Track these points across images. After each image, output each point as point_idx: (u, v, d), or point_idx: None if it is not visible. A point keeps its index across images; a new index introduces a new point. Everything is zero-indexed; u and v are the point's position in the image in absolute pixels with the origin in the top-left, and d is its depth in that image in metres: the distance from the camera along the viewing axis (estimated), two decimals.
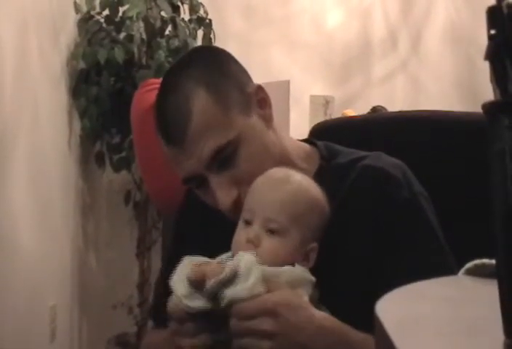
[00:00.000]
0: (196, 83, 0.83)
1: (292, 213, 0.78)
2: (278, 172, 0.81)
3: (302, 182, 0.81)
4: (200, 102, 0.82)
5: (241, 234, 0.78)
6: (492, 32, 0.43)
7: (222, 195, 0.82)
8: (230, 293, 0.71)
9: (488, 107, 0.43)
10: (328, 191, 0.83)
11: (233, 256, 0.77)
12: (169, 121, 0.84)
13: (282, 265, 0.76)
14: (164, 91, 0.87)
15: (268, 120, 0.87)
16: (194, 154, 0.82)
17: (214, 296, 0.72)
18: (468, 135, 0.98)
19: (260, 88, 0.87)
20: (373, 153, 0.89)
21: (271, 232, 0.77)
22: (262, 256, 0.75)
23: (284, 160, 0.86)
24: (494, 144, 0.42)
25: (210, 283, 0.71)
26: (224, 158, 0.82)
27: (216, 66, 0.86)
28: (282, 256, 0.76)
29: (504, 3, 0.44)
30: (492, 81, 0.44)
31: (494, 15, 0.44)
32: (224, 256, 0.78)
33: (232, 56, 0.88)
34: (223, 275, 0.70)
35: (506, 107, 0.42)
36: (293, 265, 0.77)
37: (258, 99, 0.86)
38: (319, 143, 0.93)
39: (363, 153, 0.89)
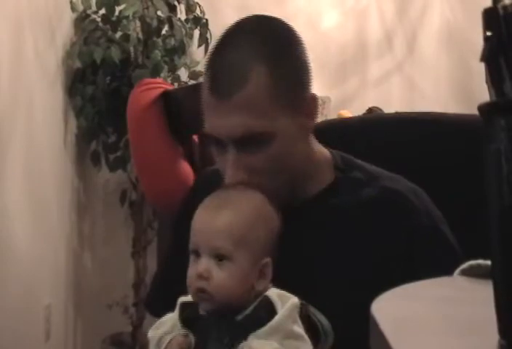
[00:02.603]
0: (263, 58, 0.81)
1: (235, 236, 0.77)
2: (214, 199, 0.81)
3: (239, 202, 0.80)
4: (259, 79, 0.80)
5: (192, 269, 0.78)
6: (488, 34, 0.44)
7: (233, 173, 0.81)
8: None
9: (484, 108, 0.43)
10: (341, 204, 0.83)
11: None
12: (224, 73, 0.81)
13: (238, 291, 0.76)
14: (228, 39, 0.84)
15: (306, 131, 0.86)
16: (228, 122, 0.80)
17: None
18: (463, 136, 0.98)
19: (314, 99, 0.86)
20: (391, 175, 0.88)
21: (220, 259, 0.77)
22: (215, 288, 0.75)
23: (303, 172, 0.85)
24: (490, 144, 0.43)
25: None
26: (250, 143, 0.81)
27: (288, 54, 0.84)
28: (236, 282, 0.76)
29: (500, 5, 0.44)
30: (487, 82, 0.44)
31: (490, 17, 0.44)
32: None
33: (306, 50, 0.86)
34: None
35: (502, 108, 0.42)
36: (253, 286, 0.77)
37: (308, 109, 0.85)
38: (334, 153, 0.92)
39: (379, 170, 0.89)
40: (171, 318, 0.79)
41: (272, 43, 0.84)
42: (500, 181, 0.42)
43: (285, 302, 0.76)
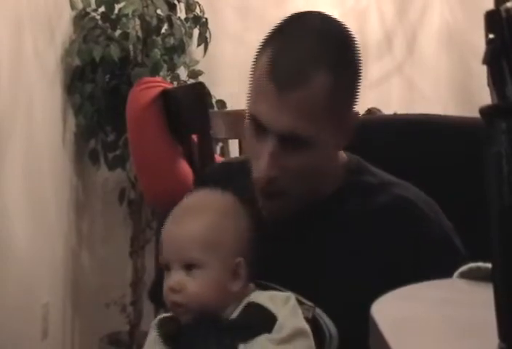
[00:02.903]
0: (331, 64, 0.80)
1: (201, 244, 0.77)
2: (177, 210, 0.80)
3: (201, 209, 0.79)
4: (323, 84, 0.79)
5: (165, 283, 0.78)
6: (490, 36, 0.44)
7: (267, 166, 0.80)
8: None
9: (485, 110, 0.43)
10: (351, 207, 0.83)
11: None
12: (289, 64, 0.79)
13: (212, 297, 0.76)
14: (298, 30, 0.83)
15: (338, 149, 0.85)
16: (279, 115, 0.79)
17: None
18: (463, 137, 0.98)
19: (356, 116, 0.85)
20: (403, 183, 0.88)
21: (190, 268, 0.77)
22: (189, 299, 0.76)
23: (321, 182, 0.85)
24: (491, 147, 0.43)
25: None
26: (292, 142, 0.80)
27: (352, 66, 0.84)
28: (208, 289, 0.76)
29: (503, 8, 0.44)
30: (489, 85, 0.44)
31: (492, 20, 0.44)
32: None
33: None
34: None
35: (503, 111, 0.42)
36: (227, 289, 0.76)
37: (350, 126, 0.84)
38: (351, 156, 0.91)
39: (392, 178, 0.89)
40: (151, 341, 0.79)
41: (343, 52, 0.83)
42: (501, 182, 0.42)
43: (277, 303, 0.75)
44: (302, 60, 0.80)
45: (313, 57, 0.81)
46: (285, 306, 0.75)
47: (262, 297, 0.77)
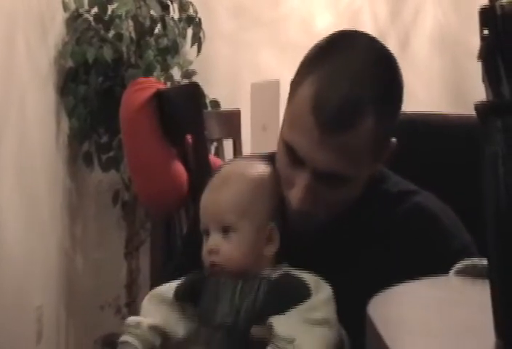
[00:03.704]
0: (377, 103, 0.79)
1: (237, 207, 0.81)
2: (215, 179, 0.84)
3: (237, 177, 0.83)
4: (367, 128, 0.78)
5: (204, 246, 0.81)
6: (485, 32, 0.43)
7: (299, 198, 0.80)
8: None
9: (481, 108, 0.43)
10: (372, 216, 0.83)
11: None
12: (335, 103, 0.77)
13: (247, 259, 0.79)
14: (346, 60, 0.81)
15: (373, 173, 0.85)
16: (319, 154, 0.78)
17: None
18: (460, 138, 0.98)
19: (394, 145, 0.84)
20: (422, 191, 0.87)
21: (227, 231, 0.80)
22: (225, 259, 0.79)
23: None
24: (487, 146, 0.42)
25: None
26: (328, 178, 0.80)
27: (395, 103, 0.83)
28: (243, 252, 0.80)
29: (497, 4, 0.44)
30: (484, 81, 0.44)
31: (487, 16, 0.44)
32: None
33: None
34: None
35: (499, 108, 0.42)
36: (262, 253, 0.79)
37: (386, 156, 0.84)
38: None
39: (410, 186, 0.88)
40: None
41: (389, 86, 0.83)
42: (497, 182, 0.42)
43: (319, 286, 0.77)
44: (349, 101, 0.78)
45: (361, 96, 0.79)
46: (324, 291, 0.77)
47: (305, 275, 0.79)
